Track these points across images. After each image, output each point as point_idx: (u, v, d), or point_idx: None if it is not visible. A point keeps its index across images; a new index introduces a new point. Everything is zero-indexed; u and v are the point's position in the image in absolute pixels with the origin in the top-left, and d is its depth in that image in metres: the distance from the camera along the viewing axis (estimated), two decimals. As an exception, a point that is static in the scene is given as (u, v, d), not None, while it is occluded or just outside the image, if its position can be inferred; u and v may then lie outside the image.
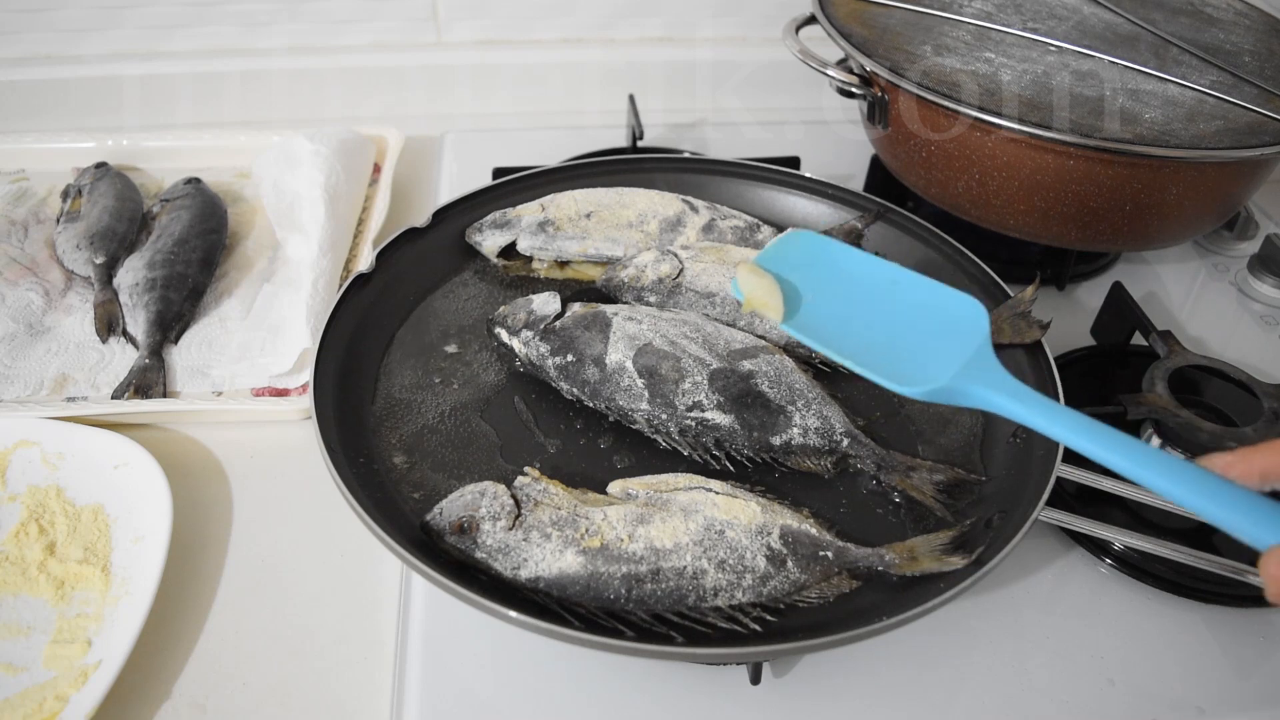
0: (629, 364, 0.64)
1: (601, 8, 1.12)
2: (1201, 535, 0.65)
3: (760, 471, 0.63)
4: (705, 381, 0.64)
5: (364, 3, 1.10)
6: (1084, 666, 0.60)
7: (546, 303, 0.70)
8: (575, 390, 0.66)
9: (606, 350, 0.65)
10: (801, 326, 0.54)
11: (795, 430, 0.63)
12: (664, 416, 0.63)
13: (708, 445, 0.63)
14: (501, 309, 0.71)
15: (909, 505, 0.61)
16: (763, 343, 0.67)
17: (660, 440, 0.64)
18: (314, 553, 0.66)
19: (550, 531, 0.55)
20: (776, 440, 0.63)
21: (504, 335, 0.69)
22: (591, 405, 0.66)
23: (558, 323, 0.68)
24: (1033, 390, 0.49)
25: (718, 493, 0.58)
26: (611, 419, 0.66)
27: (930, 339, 0.52)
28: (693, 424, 0.63)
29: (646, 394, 0.64)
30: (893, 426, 0.66)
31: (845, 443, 0.63)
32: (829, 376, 0.69)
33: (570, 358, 0.66)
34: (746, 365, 0.65)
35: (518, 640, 0.58)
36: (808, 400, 0.64)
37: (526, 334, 0.68)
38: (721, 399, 0.63)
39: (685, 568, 0.54)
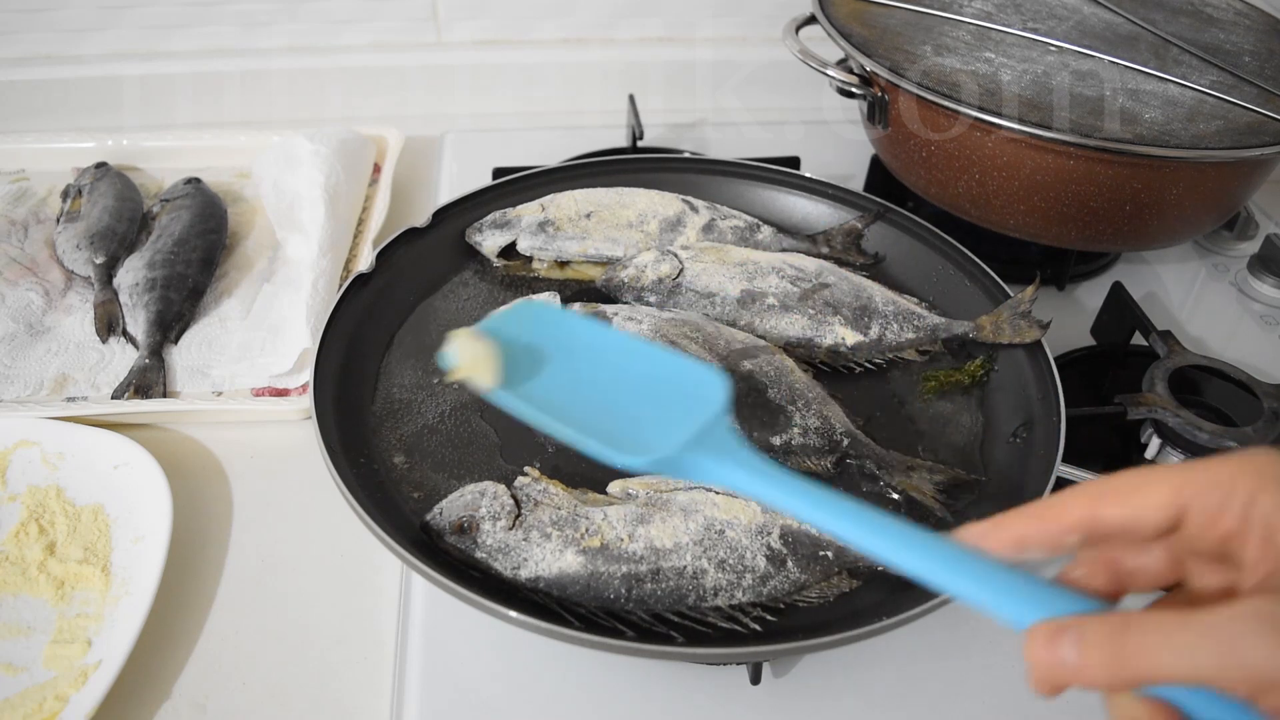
0: (629, 364, 0.64)
1: (601, 8, 1.12)
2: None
3: (760, 471, 0.63)
4: (705, 381, 0.63)
5: (364, 3, 1.10)
6: (1084, 666, 0.60)
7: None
8: (575, 390, 0.66)
9: (606, 350, 0.65)
10: (522, 396, 0.49)
11: (795, 430, 0.63)
12: (664, 416, 0.63)
13: (708, 445, 0.63)
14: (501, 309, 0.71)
15: (909, 505, 0.61)
16: (763, 343, 0.67)
17: (660, 440, 0.64)
18: (314, 553, 0.66)
19: (550, 531, 0.54)
20: (776, 440, 0.63)
21: (504, 335, 0.69)
22: (591, 405, 0.66)
23: (558, 323, 0.68)
24: (767, 464, 0.46)
25: (718, 492, 0.57)
26: (611, 419, 0.66)
27: (665, 410, 0.49)
28: (693, 424, 0.63)
29: (646, 394, 0.63)
30: (893, 426, 0.66)
31: (845, 442, 0.63)
32: (829, 376, 0.69)
33: (570, 358, 0.66)
34: (746, 365, 0.65)
35: (518, 640, 0.58)
36: (808, 400, 0.64)
37: (526, 334, 0.68)
38: (721, 399, 0.63)
39: (685, 567, 0.54)
